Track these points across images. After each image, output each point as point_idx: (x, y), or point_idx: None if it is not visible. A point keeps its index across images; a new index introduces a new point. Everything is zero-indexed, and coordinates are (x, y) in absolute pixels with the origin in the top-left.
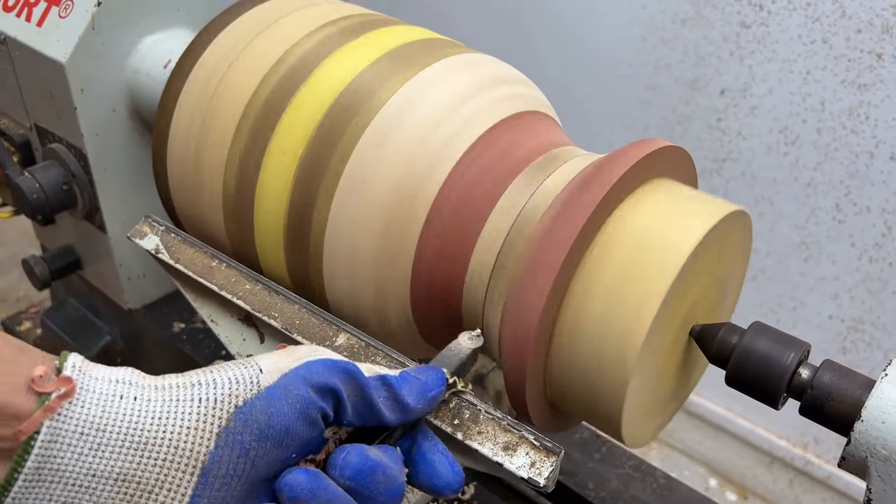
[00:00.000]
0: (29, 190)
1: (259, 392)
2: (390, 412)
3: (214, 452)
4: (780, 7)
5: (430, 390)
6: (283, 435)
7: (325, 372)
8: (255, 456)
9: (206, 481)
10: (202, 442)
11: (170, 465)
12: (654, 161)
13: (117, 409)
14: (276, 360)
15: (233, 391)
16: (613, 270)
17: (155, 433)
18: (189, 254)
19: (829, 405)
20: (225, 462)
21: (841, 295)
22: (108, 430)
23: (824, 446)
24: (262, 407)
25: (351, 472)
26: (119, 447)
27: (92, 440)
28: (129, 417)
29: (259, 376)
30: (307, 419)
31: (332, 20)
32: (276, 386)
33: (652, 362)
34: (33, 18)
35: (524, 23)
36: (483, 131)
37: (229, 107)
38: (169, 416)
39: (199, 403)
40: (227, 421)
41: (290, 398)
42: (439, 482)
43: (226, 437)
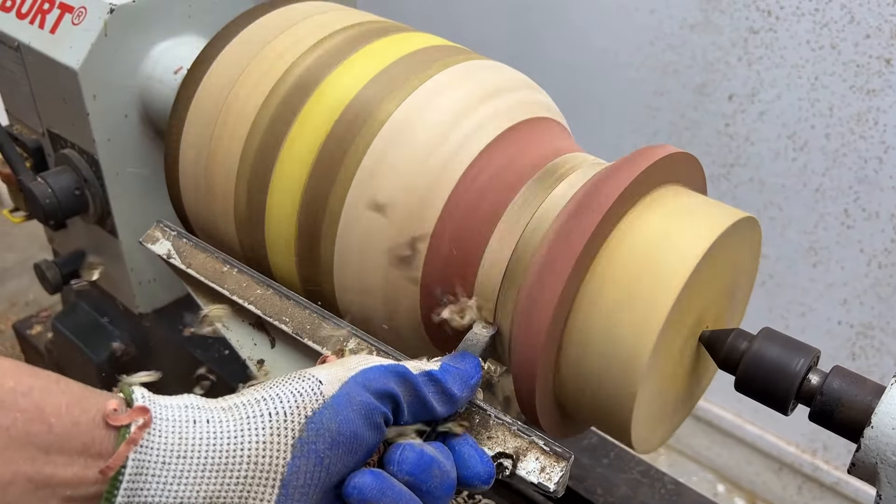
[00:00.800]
0: (41, 195)
1: (325, 402)
2: (440, 405)
3: (292, 463)
4: (788, 13)
5: (471, 378)
6: (352, 441)
7: (381, 377)
8: (330, 463)
9: (286, 492)
10: (279, 454)
11: (251, 481)
12: (662, 167)
13: (194, 434)
14: (332, 371)
15: (299, 403)
16: (622, 277)
17: (233, 452)
18: (200, 259)
19: (838, 411)
20: (303, 472)
21: (850, 301)
22: (188, 456)
23: (833, 452)
24: (330, 415)
25: (409, 468)
26: (201, 471)
27: (175, 468)
28: (206, 441)
29: (321, 387)
30: (372, 424)
31: (339, 28)
32: (339, 395)
33: (661, 368)
34: (46, 25)
35: (532, 28)
36: (490, 140)
37: (240, 114)
38: (243, 433)
39: (269, 418)
40: (301, 432)
41: (355, 405)
42: (474, 475)
43: (301, 447)
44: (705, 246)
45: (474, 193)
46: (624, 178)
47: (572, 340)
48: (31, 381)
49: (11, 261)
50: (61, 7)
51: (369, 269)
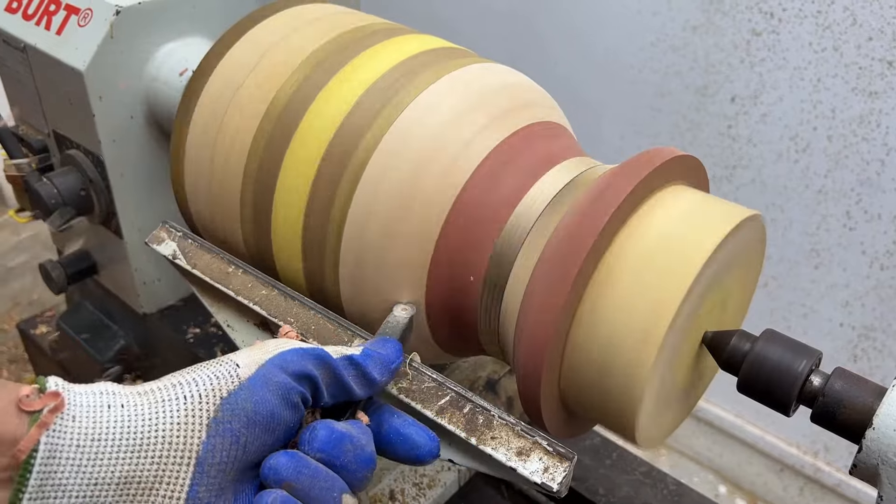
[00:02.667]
0: (47, 196)
1: (241, 383)
2: (359, 388)
3: (207, 442)
4: (790, 15)
5: (391, 362)
6: (269, 420)
7: (298, 360)
8: (247, 442)
9: (202, 470)
10: (193, 434)
11: (166, 460)
12: (668, 169)
13: (108, 418)
14: (249, 354)
15: (215, 385)
16: (629, 275)
17: (147, 433)
18: (206, 259)
19: (840, 413)
20: (218, 450)
21: (852, 302)
22: (102, 439)
23: (835, 454)
24: (246, 396)
25: (319, 444)
26: (115, 453)
27: (88, 450)
28: (120, 423)
29: (237, 370)
30: (289, 403)
31: (345, 31)
32: (255, 376)
33: (666, 365)
34: (53, 27)
35: (534, 29)
36: (495, 144)
37: (245, 117)
38: (158, 414)
39: (185, 400)
40: (215, 412)
41: (271, 386)
42: (420, 451)
43: (216, 426)
44: (715, 242)
45: (481, 192)
46: (631, 178)
47: (579, 336)
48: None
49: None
50: (67, 9)
51: (375, 266)
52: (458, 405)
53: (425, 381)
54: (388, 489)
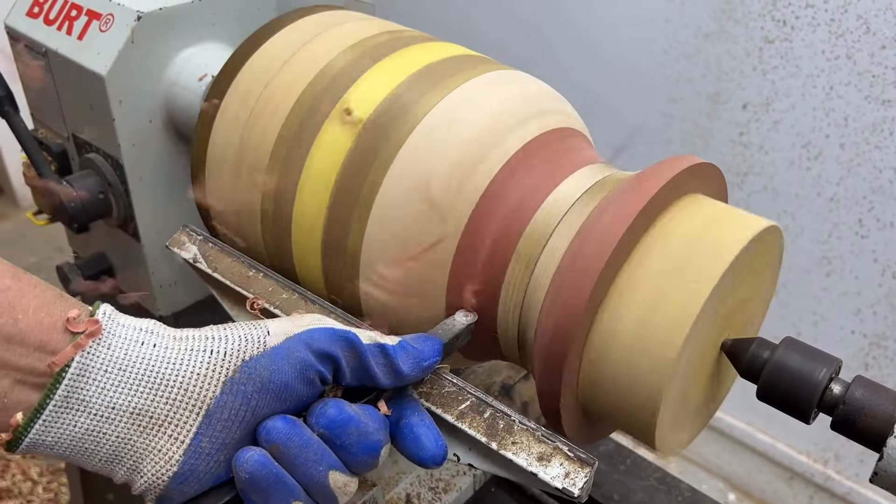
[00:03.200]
0: (67, 198)
1: (265, 350)
2: (385, 377)
3: (219, 398)
4: (803, 22)
5: (425, 360)
6: (282, 390)
7: (326, 339)
8: (256, 406)
9: (209, 422)
10: (209, 387)
11: (179, 404)
12: (687, 177)
13: (138, 353)
14: (283, 325)
15: (241, 347)
16: (650, 280)
17: (169, 376)
18: (226, 263)
19: (861, 421)
20: (228, 407)
21: (863, 310)
22: (128, 370)
23: (845, 462)
24: (265, 363)
25: (325, 422)
26: (136, 385)
27: (114, 377)
28: (147, 360)
29: (266, 337)
30: (305, 379)
31: (366, 37)
32: (280, 347)
33: (686, 371)
34: (74, 32)
35: (547, 36)
36: (520, 148)
37: (267, 122)
38: (183, 362)
39: (210, 354)
40: (234, 372)
41: (292, 359)
42: (424, 454)
43: (231, 385)
44: (736, 251)
45: (506, 194)
46: (653, 185)
47: (598, 340)
48: (10, 282)
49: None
50: (89, 14)
51: (395, 271)
52: (478, 410)
53: (445, 386)
54: (405, 493)
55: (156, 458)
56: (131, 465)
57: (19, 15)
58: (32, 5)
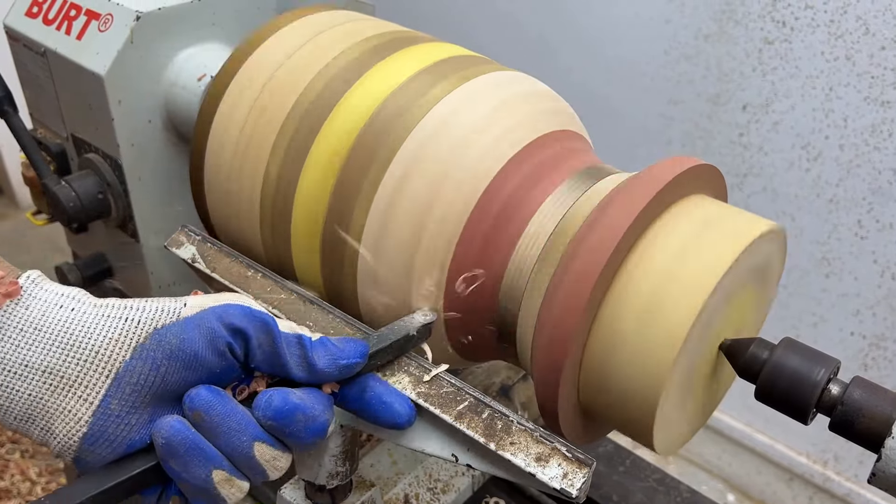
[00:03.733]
0: (65, 198)
1: (177, 321)
2: (298, 369)
3: (129, 363)
4: (803, 24)
5: (343, 359)
6: (191, 359)
7: (239, 315)
8: (165, 372)
9: (118, 385)
10: (119, 352)
11: (89, 366)
12: (688, 178)
13: (55, 315)
14: (201, 300)
15: (155, 316)
16: (649, 281)
17: (81, 339)
18: (225, 263)
19: (859, 422)
20: (137, 372)
21: (863, 311)
22: (43, 330)
23: (844, 463)
24: (176, 332)
25: (272, 413)
26: (48, 345)
27: (29, 336)
28: (62, 322)
29: (182, 309)
30: (215, 350)
31: (365, 37)
32: (192, 317)
33: (684, 371)
34: (73, 32)
35: (547, 37)
36: (521, 148)
37: (267, 122)
38: (96, 326)
39: (124, 322)
40: (145, 339)
41: (203, 329)
42: (399, 419)
43: (140, 351)
44: (737, 252)
45: (505, 195)
46: (653, 186)
47: (597, 341)
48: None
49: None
50: (88, 14)
51: (393, 270)
52: (476, 410)
53: (444, 387)
54: (403, 493)
55: (66, 418)
56: (44, 425)
57: (18, 15)
58: (31, 5)
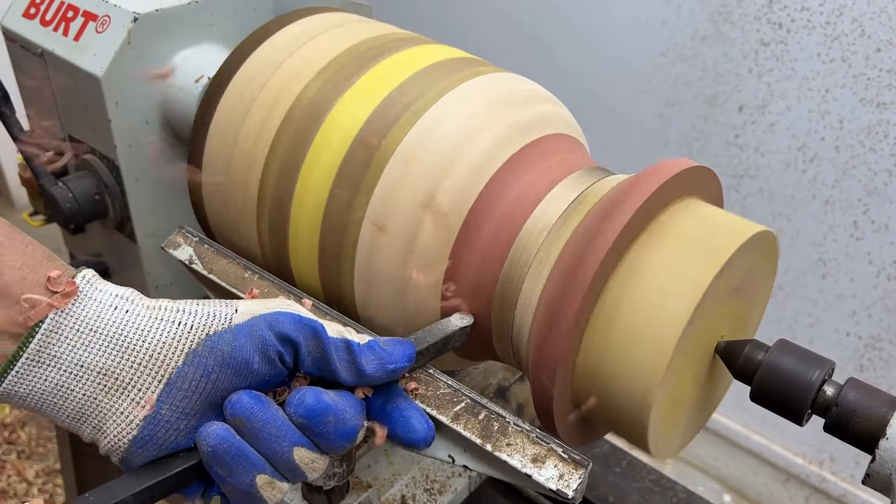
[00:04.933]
0: (62, 199)
1: (229, 327)
2: (346, 373)
3: (181, 368)
4: (799, 25)
5: (391, 363)
6: (242, 366)
7: (290, 323)
8: (217, 379)
9: (170, 390)
10: (173, 357)
11: (143, 369)
12: (680, 181)
13: (110, 317)
14: (251, 306)
15: (208, 322)
16: (642, 285)
17: (136, 341)
18: (222, 264)
19: (853, 423)
20: (189, 378)
21: (858, 312)
22: (98, 332)
23: (840, 464)
24: (228, 339)
25: (304, 411)
26: (104, 347)
27: (85, 337)
28: (117, 324)
29: (233, 315)
30: (266, 358)
31: (362, 40)
32: (244, 325)
33: (679, 374)
34: (70, 33)
35: (544, 38)
36: (515, 151)
37: (263, 124)
38: (150, 330)
39: (177, 326)
40: (197, 345)
41: (254, 338)
42: (415, 436)
43: (193, 357)
44: (726, 256)
45: (503, 196)
46: (644, 191)
47: (592, 344)
48: (3, 239)
49: None
50: (85, 15)
51: (391, 271)
52: (473, 411)
53: (441, 388)
54: (400, 494)
55: (118, 419)
56: (96, 425)
57: (15, 16)
58: (29, 6)
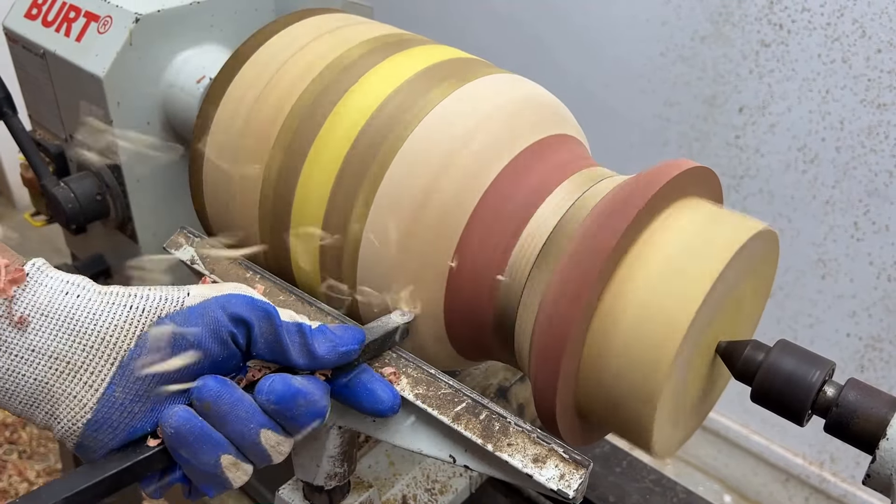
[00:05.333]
0: (64, 200)
1: (181, 309)
2: (299, 356)
3: (133, 350)
4: (800, 26)
5: (342, 346)
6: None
7: (242, 305)
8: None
9: (122, 373)
10: (124, 339)
11: (95, 352)
12: (680, 181)
13: (61, 302)
14: (204, 289)
15: (160, 305)
16: (644, 286)
17: (87, 325)
18: (224, 265)
19: (854, 423)
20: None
21: (859, 313)
22: (49, 316)
23: (841, 464)
24: (179, 321)
25: (275, 398)
26: (55, 330)
27: (35, 322)
28: (69, 308)
29: (185, 298)
30: (218, 338)
31: (364, 40)
32: (196, 307)
33: (681, 373)
34: (72, 34)
35: (544, 39)
36: (517, 153)
37: (266, 124)
38: (102, 313)
39: (129, 309)
40: (148, 327)
41: (206, 318)
42: (382, 405)
43: (145, 339)
44: (728, 255)
45: (505, 196)
46: (646, 192)
47: (594, 345)
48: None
49: None
50: (87, 16)
51: (393, 271)
52: (474, 412)
53: (442, 388)
54: (401, 494)
55: (71, 403)
56: (49, 410)
57: (17, 16)
58: (31, 7)
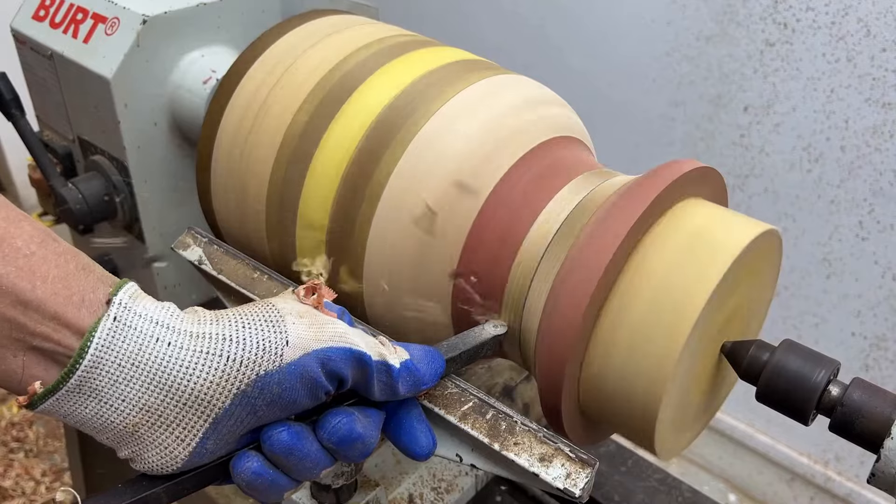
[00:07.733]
0: (72, 200)
1: (280, 367)
2: (381, 394)
3: (228, 408)
4: (804, 25)
5: (423, 384)
6: (290, 405)
7: (341, 361)
8: (262, 415)
9: (216, 428)
10: (220, 397)
11: (189, 408)
12: (685, 182)
13: (152, 351)
14: (303, 335)
15: (258, 358)
16: (649, 287)
17: (181, 380)
18: (231, 265)
19: (858, 422)
20: (235, 416)
21: (864, 312)
22: (141, 367)
23: (846, 463)
24: (279, 380)
25: (336, 440)
26: (147, 384)
27: (127, 372)
28: (160, 360)
29: (284, 349)
30: (314, 396)
31: (371, 41)
32: (295, 364)
33: (686, 374)
34: (80, 35)
35: (550, 39)
36: (524, 153)
37: (273, 124)
38: (196, 367)
39: (225, 361)
40: (247, 386)
41: (305, 379)
42: (419, 451)
43: (241, 398)
44: (733, 256)
45: (510, 197)
46: (650, 193)
47: (599, 346)
48: (35, 248)
49: None
50: (95, 17)
51: (400, 273)
52: (480, 411)
53: (448, 387)
54: (408, 493)
55: (161, 452)
56: (135, 451)
57: (25, 18)
58: (38, 8)
